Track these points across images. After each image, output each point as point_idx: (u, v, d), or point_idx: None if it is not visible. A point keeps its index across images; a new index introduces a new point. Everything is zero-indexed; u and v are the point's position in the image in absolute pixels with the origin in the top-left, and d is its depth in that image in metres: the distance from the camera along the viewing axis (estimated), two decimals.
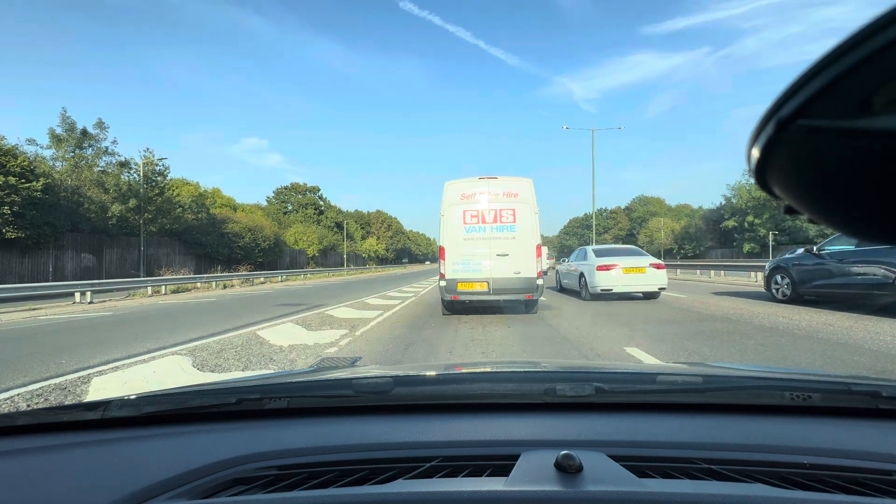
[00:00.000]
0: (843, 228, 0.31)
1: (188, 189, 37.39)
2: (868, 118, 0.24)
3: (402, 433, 0.88)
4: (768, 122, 0.28)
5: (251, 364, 4.56)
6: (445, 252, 7.52)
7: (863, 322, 6.24)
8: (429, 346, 5.32)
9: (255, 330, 6.78)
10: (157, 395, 1.05)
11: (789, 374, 1.24)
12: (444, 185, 7.69)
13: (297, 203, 65.58)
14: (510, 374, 1.33)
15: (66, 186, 23.81)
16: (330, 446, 0.83)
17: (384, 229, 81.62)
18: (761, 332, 5.70)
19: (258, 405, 1.00)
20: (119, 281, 16.42)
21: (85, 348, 5.59)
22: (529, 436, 0.85)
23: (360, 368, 1.90)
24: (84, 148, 27.54)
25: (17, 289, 12.79)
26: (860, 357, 4.28)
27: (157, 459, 0.80)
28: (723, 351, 4.70)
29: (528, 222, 7.46)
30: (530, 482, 0.67)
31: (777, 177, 0.31)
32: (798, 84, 0.25)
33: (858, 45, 0.23)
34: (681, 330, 6.02)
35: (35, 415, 0.97)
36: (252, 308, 10.52)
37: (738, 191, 50.25)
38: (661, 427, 0.88)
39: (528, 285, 7.35)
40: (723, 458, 0.76)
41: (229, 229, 34.44)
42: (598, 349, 4.90)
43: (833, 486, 0.69)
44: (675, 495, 0.64)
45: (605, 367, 1.58)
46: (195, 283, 19.82)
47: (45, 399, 3.50)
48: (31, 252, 20.92)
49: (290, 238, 49.50)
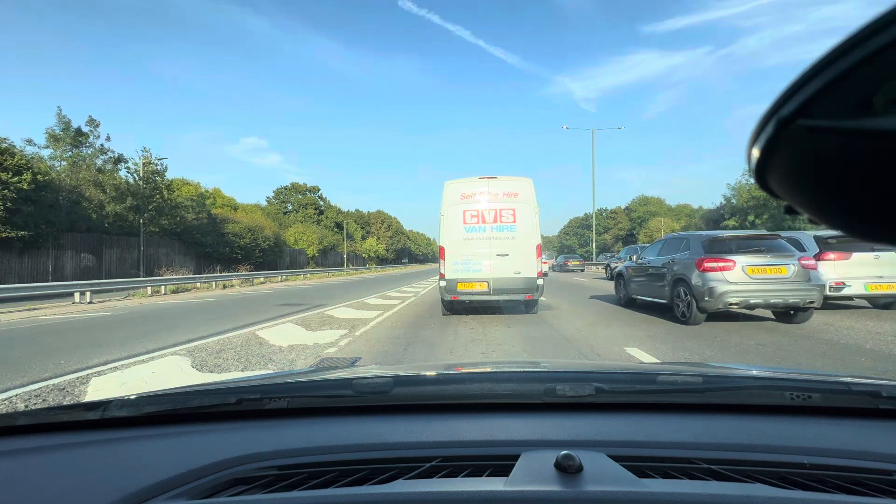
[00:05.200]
0: (843, 228, 0.31)
1: (188, 189, 37.38)
2: (868, 118, 0.24)
3: (402, 433, 0.88)
4: (768, 122, 0.28)
5: (250, 364, 4.56)
6: (445, 252, 7.52)
7: (863, 322, 6.24)
8: (429, 346, 5.32)
9: (255, 330, 6.78)
10: (157, 395, 1.05)
11: (789, 374, 1.24)
12: (444, 185, 7.69)
13: (297, 203, 65.58)
14: (510, 374, 1.33)
15: (64, 185, 23.80)
16: (330, 446, 0.83)
17: (384, 229, 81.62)
18: (762, 332, 5.70)
19: (258, 405, 1.00)
20: (119, 281, 16.40)
21: (84, 348, 5.59)
22: (529, 436, 0.85)
23: (360, 368, 1.90)
24: (81, 147, 27.53)
25: (16, 289, 12.77)
26: (861, 357, 4.28)
27: (157, 459, 0.80)
28: (723, 351, 4.70)
29: (528, 222, 7.46)
30: (530, 482, 0.67)
31: (777, 177, 0.31)
32: (798, 84, 0.25)
33: (858, 45, 0.22)
34: (681, 330, 6.02)
35: (35, 415, 0.97)
36: (251, 308, 10.51)
37: (738, 191, 50.25)
38: (661, 427, 0.88)
39: (529, 285, 7.34)
40: (723, 458, 0.76)
41: (229, 229, 34.44)
42: (598, 349, 4.90)
43: (833, 486, 0.69)
44: (675, 495, 0.64)
45: (605, 367, 1.58)
46: (195, 283, 19.81)
47: (43, 400, 3.49)
48: (31, 252, 20.90)
49: (290, 238, 49.50)
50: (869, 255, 7.44)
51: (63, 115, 26.75)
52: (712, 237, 6.88)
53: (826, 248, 7.55)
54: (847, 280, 7.38)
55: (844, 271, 7.45)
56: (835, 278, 7.37)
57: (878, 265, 7.41)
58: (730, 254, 6.42)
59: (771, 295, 6.18)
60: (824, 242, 7.63)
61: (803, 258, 6.45)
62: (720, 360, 4.29)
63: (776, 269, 6.27)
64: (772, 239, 6.72)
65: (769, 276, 6.25)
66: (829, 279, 7.23)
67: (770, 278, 6.24)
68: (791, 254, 6.47)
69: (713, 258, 6.41)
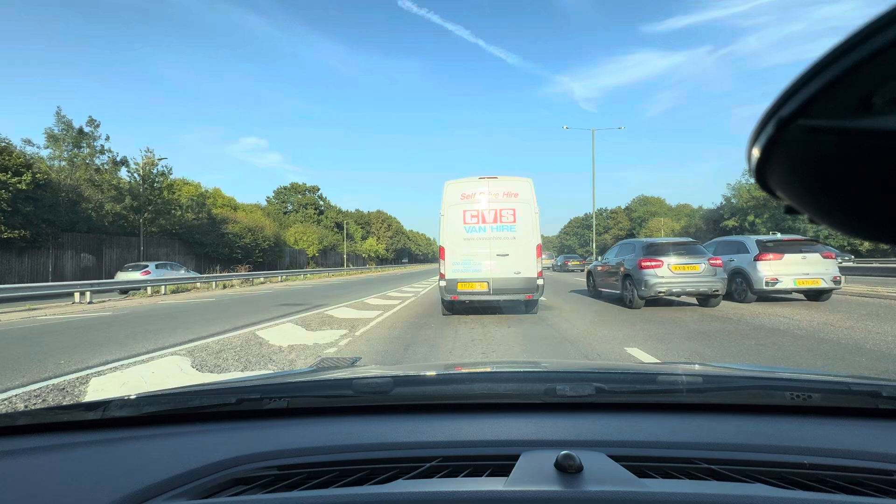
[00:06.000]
0: (843, 228, 0.31)
1: (189, 189, 37.37)
2: (868, 118, 0.24)
3: (402, 433, 0.88)
4: (768, 122, 0.28)
5: (250, 364, 4.56)
6: (445, 252, 7.52)
7: (863, 322, 6.24)
8: (429, 346, 5.32)
9: (255, 330, 6.78)
10: (157, 395, 1.05)
11: (789, 374, 1.24)
12: (444, 185, 7.68)
13: (297, 203, 65.60)
14: (510, 374, 1.33)
15: (64, 185, 23.80)
16: (330, 446, 0.83)
17: (384, 229, 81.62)
18: (761, 332, 5.70)
19: (258, 405, 1.00)
20: (119, 281, 16.40)
21: (83, 349, 5.59)
22: (530, 436, 0.85)
23: (360, 368, 1.90)
24: (81, 147, 27.53)
25: (16, 289, 12.76)
26: (861, 357, 4.28)
27: (157, 459, 0.80)
28: (723, 351, 4.70)
29: (528, 222, 7.46)
30: (530, 482, 0.67)
31: (777, 177, 0.31)
32: (798, 84, 0.25)
33: (858, 45, 0.22)
34: (681, 330, 6.02)
35: (35, 415, 0.97)
36: (251, 308, 10.51)
37: (738, 191, 50.25)
38: (661, 427, 0.88)
39: (529, 285, 7.35)
40: (723, 458, 0.76)
41: (229, 229, 34.45)
42: (598, 349, 4.90)
43: (833, 486, 0.69)
44: (676, 495, 0.64)
45: (605, 367, 1.58)
46: (195, 283, 19.79)
47: (42, 400, 3.49)
48: (31, 252, 20.91)
49: (290, 238, 49.50)
50: (798, 255, 8.79)
51: (63, 115, 26.79)
52: (649, 243, 8.96)
53: (764, 251, 8.95)
54: (780, 276, 8.69)
55: (778, 269, 8.75)
56: (771, 275, 8.69)
57: (805, 264, 8.74)
58: (661, 255, 8.48)
59: (687, 285, 8.33)
60: (763, 245, 9.03)
61: (711, 258, 8.53)
62: (720, 360, 4.29)
63: (692, 267, 8.43)
64: (692, 244, 8.95)
65: (687, 271, 8.41)
66: (765, 276, 8.72)
67: (687, 273, 8.39)
68: (703, 255, 8.58)
69: (648, 259, 8.46)
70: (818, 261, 8.75)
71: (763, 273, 8.75)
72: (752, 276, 8.88)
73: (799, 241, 9.18)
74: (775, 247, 8.97)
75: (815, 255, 8.82)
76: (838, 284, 8.69)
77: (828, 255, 8.90)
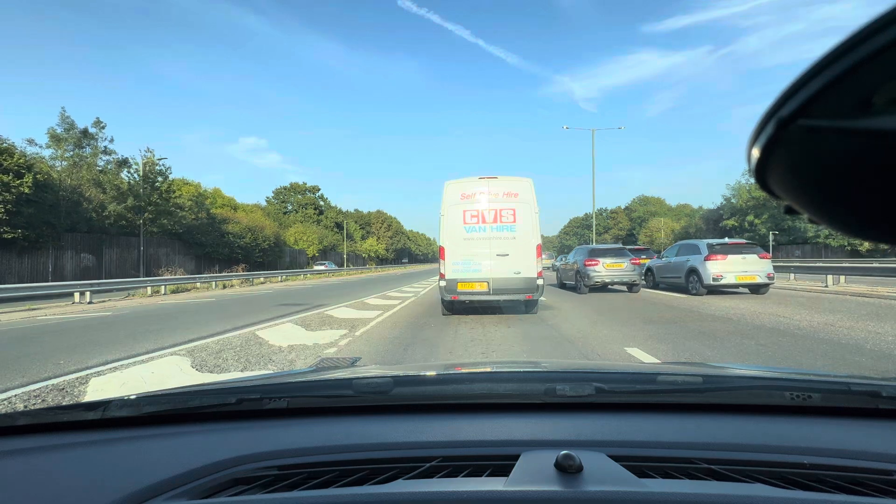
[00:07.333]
0: (843, 228, 0.31)
1: (189, 189, 37.35)
2: (868, 118, 0.24)
3: (402, 433, 0.88)
4: (768, 122, 0.28)
5: (250, 364, 4.56)
6: (445, 252, 7.52)
7: (864, 322, 6.24)
8: (429, 346, 5.32)
9: (255, 330, 6.78)
10: (157, 395, 1.05)
11: (789, 374, 1.24)
12: (444, 185, 7.68)
13: (297, 203, 65.60)
14: (510, 374, 1.33)
15: (65, 186, 23.79)
16: (330, 446, 0.83)
17: (384, 229, 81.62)
18: (762, 333, 5.70)
19: (258, 405, 1.00)
20: (118, 281, 16.39)
21: (83, 349, 5.59)
22: (529, 436, 0.85)
23: (360, 368, 1.90)
24: (83, 147, 27.54)
25: (16, 289, 12.76)
26: (861, 357, 4.28)
27: (157, 459, 0.80)
28: (723, 351, 4.70)
29: (528, 222, 7.46)
30: (530, 482, 0.67)
31: (777, 177, 0.31)
32: (798, 84, 0.25)
33: (858, 45, 0.22)
34: (681, 330, 6.02)
35: (35, 415, 0.97)
36: (251, 308, 10.52)
37: (738, 191, 50.29)
38: (661, 427, 0.88)
39: (529, 285, 7.35)
40: (723, 458, 0.76)
41: (229, 229, 34.43)
42: (599, 349, 4.90)
43: (833, 486, 0.69)
44: (676, 495, 0.64)
45: (605, 367, 1.58)
46: (194, 283, 19.79)
47: (42, 400, 3.49)
48: (31, 252, 20.90)
49: (290, 238, 49.49)
50: (739, 256, 10.71)
51: (66, 116, 26.79)
52: (592, 248, 13.01)
53: (712, 252, 10.89)
54: (724, 273, 10.57)
55: (722, 268, 10.63)
56: (717, 272, 10.61)
57: (745, 263, 10.61)
58: (599, 257, 12.35)
59: (616, 277, 12.08)
60: (712, 248, 11.02)
61: (633, 258, 12.39)
62: (720, 360, 4.29)
63: (619, 265, 12.17)
64: (620, 249, 13.02)
65: (616, 268, 12.12)
66: (712, 273, 10.62)
67: (616, 269, 12.11)
68: (628, 256, 12.42)
69: (591, 259, 12.37)
70: (755, 261, 10.64)
71: (711, 270, 10.63)
72: (703, 273, 10.80)
73: (741, 245, 11.10)
74: (721, 249, 10.89)
75: (753, 255, 10.72)
76: (772, 280, 10.61)
77: (764, 255, 10.86)
